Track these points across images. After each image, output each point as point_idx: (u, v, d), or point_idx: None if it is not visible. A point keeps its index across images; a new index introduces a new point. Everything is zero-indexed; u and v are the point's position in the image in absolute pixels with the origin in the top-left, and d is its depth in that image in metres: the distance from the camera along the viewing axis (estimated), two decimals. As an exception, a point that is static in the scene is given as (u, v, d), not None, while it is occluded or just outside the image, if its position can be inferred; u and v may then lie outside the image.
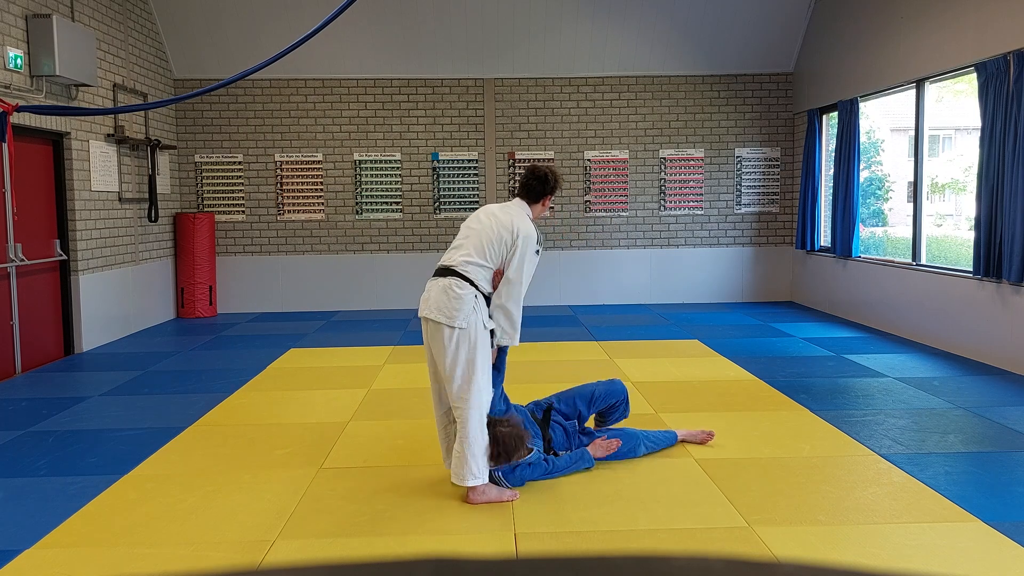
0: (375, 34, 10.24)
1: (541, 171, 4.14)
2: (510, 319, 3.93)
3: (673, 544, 3.43)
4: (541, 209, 4.17)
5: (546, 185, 4.12)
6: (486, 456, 3.84)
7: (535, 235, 3.97)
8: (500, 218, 3.98)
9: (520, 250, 3.90)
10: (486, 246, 3.90)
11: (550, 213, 10.84)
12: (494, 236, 3.91)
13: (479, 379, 3.82)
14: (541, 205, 4.16)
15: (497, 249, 3.91)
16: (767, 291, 11.05)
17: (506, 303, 3.91)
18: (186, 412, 5.57)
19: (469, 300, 3.81)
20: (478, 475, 3.79)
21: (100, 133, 8.40)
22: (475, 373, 3.80)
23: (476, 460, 3.78)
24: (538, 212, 4.16)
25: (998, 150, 6.64)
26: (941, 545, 3.37)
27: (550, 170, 4.16)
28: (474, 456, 3.78)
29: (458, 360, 3.80)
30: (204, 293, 10.27)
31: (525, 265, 3.91)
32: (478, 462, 3.79)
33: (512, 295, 3.91)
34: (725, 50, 10.63)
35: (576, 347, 7.82)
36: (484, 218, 4.03)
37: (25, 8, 7.04)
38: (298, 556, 3.35)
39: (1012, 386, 6.07)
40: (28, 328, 7.22)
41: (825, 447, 4.63)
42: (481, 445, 3.81)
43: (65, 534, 3.57)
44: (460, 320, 3.78)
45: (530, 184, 4.13)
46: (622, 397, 4.56)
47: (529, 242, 3.92)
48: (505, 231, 3.92)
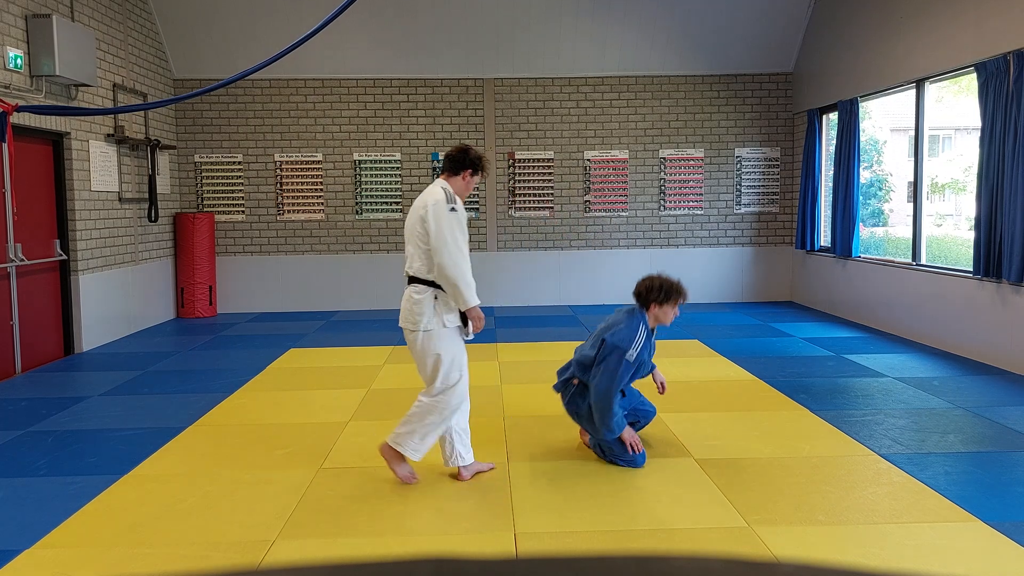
0: (375, 34, 10.24)
1: (463, 146, 4.23)
2: (451, 284, 3.94)
3: (673, 544, 3.43)
4: (463, 185, 4.19)
5: (465, 156, 4.16)
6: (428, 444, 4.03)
7: (444, 197, 3.98)
8: (415, 206, 4.09)
9: (433, 218, 3.94)
10: (417, 240, 4.02)
11: (550, 213, 10.84)
12: (416, 226, 4.02)
13: (449, 376, 4.01)
14: (462, 180, 4.18)
15: (422, 235, 4.00)
16: (767, 291, 11.05)
17: (442, 271, 3.93)
18: (186, 412, 5.57)
19: (428, 302, 3.99)
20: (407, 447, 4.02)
21: (100, 133, 8.40)
22: (440, 371, 4.00)
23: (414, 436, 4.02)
24: (460, 187, 4.18)
25: (998, 150, 6.64)
26: (941, 545, 3.37)
27: (473, 149, 4.22)
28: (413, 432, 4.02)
29: (427, 360, 4.03)
30: (204, 293, 10.27)
31: (444, 229, 3.92)
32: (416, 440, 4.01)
33: (443, 262, 3.92)
34: (725, 50, 10.63)
35: (576, 347, 7.81)
36: (408, 216, 4.15)
37: (25, 8, 7.04)
38: (298, 556, 3.35)
39: (1012, 386, 6.07)
40: (28, 328, 7.22)
41: (825, 447, 4.63)
42: (435, 435, 4.04)
43: (65, 534, 3.57)
44: (423, 323, 3.99)
45: (450, 156, 4.20)
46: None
47: (439, 207, 3.95)
48: (417, 214, 4.03)
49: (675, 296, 4.34)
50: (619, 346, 4.20)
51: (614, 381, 4.18)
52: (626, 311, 4.44)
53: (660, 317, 4.36)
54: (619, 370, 4.17)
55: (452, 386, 4.04)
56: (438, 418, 4.04)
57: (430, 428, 4.04)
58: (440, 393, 4.04)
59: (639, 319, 4.33)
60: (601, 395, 4.20)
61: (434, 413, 4.03)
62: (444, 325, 4.00)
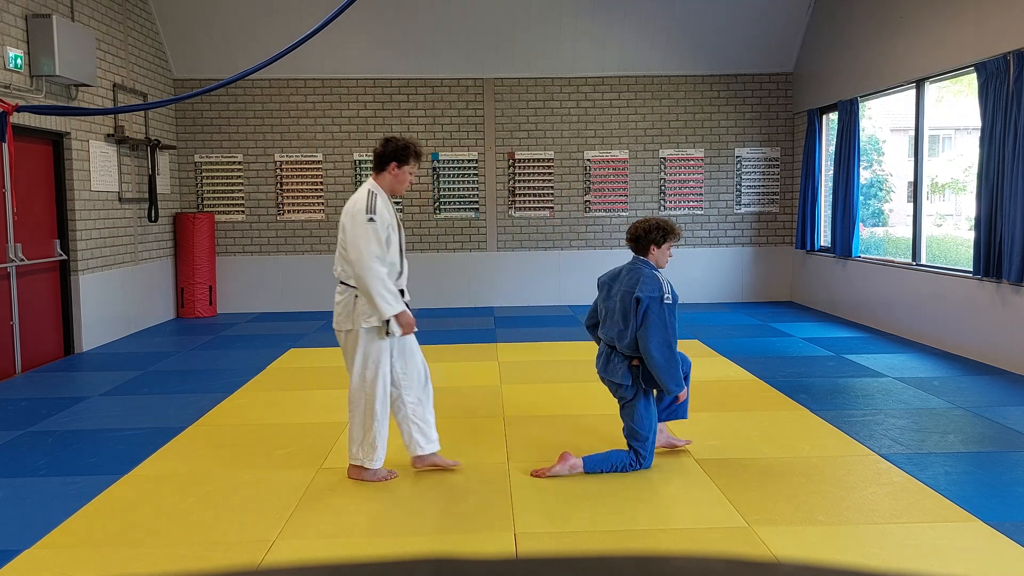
0: (375, 34, 10.24)
1: (385, 138, 4.22)
2: (367, 295, 3.96)
3: (673, 544, 3.43)
4: (392, 179, 4.15)
5: (385, 149, 4.13)
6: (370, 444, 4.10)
7: (364, 206, 3.98)
8: (344, 209, 4.11)
9: (350, 227, 3.98)
10: (341, 246, 4.07)
11: (550, 213, 10.84)
12: (341, 232, 4.07)
13: (366, 374, 4.08)
14: (390, 175, 4.15)
15: (343, 241, 4.04)
16: (767, 291, 11.05)
17: (357, 282, 3.97)
18: (186, 412, 5.57)
19: (348, 304, 4.06)
20: (357, 456, 4.13)
21: (100, 133, 8.40)
22: (355, 368, 4.09)
23: (354, 443, 4.13)
24: (389, 182, 4.15)
25: (998, 150, 6.64)
26: (941, 545, 3.37)
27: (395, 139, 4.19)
28: (353, 440, 4.13)
29: (347, 358, 4.14)
30: (204, 293, 10.27)
31: (359, 241, 3.93)
32: (356, 446, 4.12)
33: (356, 274, 3.95)
34: (725, 50, 10.63)
35: (576, 347, 7.82)
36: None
37: (25, 8, 7.04)
38: (298, 556, 3.35)
39: (1012, 386, 6.07)
40: (28, 328, 7.22)
41: (825, 447, 4.63)
42: (359, 432, 4.11)
43: (65, 534, 3.57)
44: (344, 324, 4.08)
45: (374, 151, 4.20)
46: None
47: (357, 217, 3.97)
48: (342, 220, 4.07)
49: (672, 234, 4.24)
50: (654, 295, 4.05)
51: (669, 330, 4.04)
52: (627, 267, 4.28)
53: (659, 260, 4.24)
54: (669, 319, 4.05)
55: (368, 383, 4.10)
56: (361, 415, 4.12)
57: (360, 427, 4.12)
58: (357, 390, 4.11)
59: (646, 264, 4.21)
60: (665, 349, 4.03)
61: (356, 412, 4.12)
62: (363, 325, 4.04)
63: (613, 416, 5.35)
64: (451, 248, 10.88)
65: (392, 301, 3.95)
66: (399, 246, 4.18)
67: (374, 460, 4.12)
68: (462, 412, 5.47)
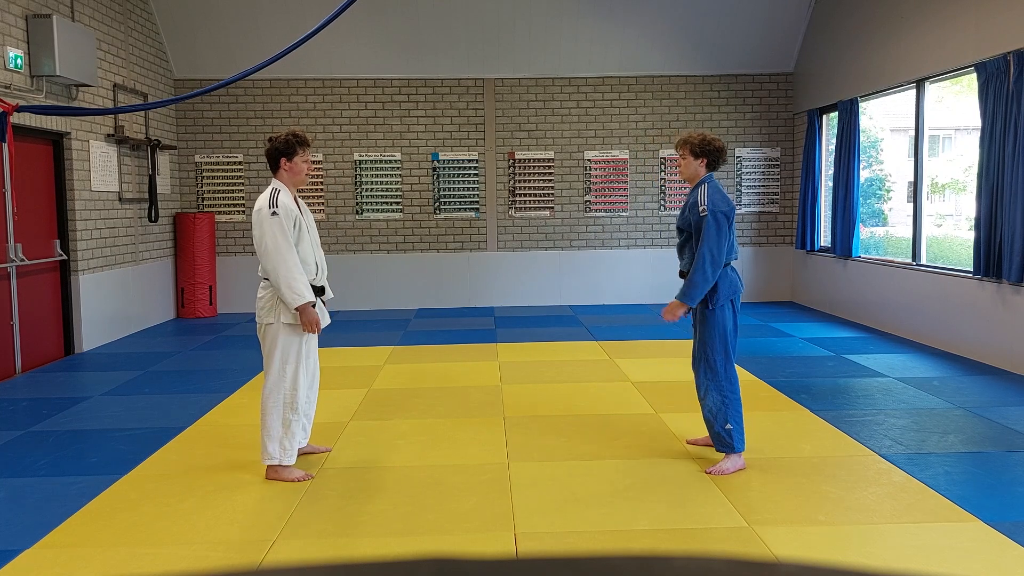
0: (375, 34, 10.24)
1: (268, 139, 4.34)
2: (275, 287, 4.08)
3: (673, 544, 3.43)
4: (288, 174, 4.28)
5: (271, 150, 4.27)
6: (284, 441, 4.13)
7: (267, 202, 4.10)
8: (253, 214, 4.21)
9: (256, 225, 4.12)
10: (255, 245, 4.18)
11: (550, 213, 10.84)
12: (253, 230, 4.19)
13: (287, 369, 4.15)
14: (284, 171, 4.27)
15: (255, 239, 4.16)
16: (767, 291, 11.05)
17: (270, 275, 4.08)
18: (186, 412, 5.58)
19: (267, 300, 4.16)
20: (275, 456, 4.13)
21: (100, 133, 8.40)
22: (273, 363, 4.15)
23: (272, 442, 4.13)
24: (287, 178, 4.27)
25: (998, 150, 6.64)
26: (941, 545, 3.37)
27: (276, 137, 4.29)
28: (271, 438, 4.13)
29: (266, 352, 4.20)
30: (204, 293, 10.27)
31: (265, 236, 4.07)
32: (275, 444, 4.13)
33: (265, 267, 4.08)
34: (725, 50, 10.63)
35: (576, 347, 7.82)
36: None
37: (25, 8, 7.04)
38: (298, 556, 3.35)
39: (1012, 386, 6.07)
40: (28, 328, 7.22)
41: (825, 447, 4.63)
42: (278, 429, 4.13)
43: (65, 534, 3.57)
44: (266, 317, 4.16)
45: (265, 155, 4.35)
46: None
47: (261, 214, 4.11)
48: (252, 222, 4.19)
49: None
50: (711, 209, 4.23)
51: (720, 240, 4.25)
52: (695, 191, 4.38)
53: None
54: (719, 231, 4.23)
55: (289, 378, 4.16)
56: (280, 411, 4.15)
57: (278, 423, 4.14)
58: (276, 384, 4.16)
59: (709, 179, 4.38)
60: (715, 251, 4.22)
61: (274, 408, 4.15)
62: (280, 320, 4.12)
63: (613, 416, 5.36)
64: (451, 248, 10.88)
65: (302, 291, 4.05)
66: (310, 240, 4.27)
67: (292, 457, 4.18)
68: (462, 412, 5.47)
